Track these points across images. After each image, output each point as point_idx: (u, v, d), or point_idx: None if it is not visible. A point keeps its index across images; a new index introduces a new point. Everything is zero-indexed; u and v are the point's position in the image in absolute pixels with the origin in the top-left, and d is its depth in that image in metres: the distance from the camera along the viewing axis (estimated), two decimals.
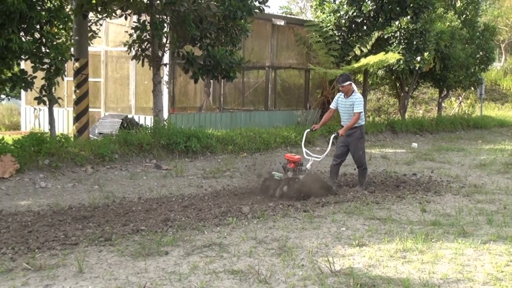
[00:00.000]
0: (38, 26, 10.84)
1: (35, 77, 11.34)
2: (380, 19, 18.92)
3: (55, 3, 11.16)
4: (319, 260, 5.78)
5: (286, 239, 6.58)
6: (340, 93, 9.74)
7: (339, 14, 19.13)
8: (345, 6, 18.99)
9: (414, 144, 17.49)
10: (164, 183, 10.14)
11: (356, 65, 18.24)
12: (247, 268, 5.50)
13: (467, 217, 7.92)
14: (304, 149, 9.58)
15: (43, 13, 10.50)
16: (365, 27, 19.21)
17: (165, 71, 15.36)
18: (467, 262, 5.89)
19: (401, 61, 18.61)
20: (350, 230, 7.11)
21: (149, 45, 13.38)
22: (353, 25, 19.24)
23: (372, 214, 7.90)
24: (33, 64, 11.14)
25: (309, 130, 10.16)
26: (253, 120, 18.43)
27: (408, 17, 18.50)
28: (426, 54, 18.82)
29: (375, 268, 5.63)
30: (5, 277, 5.13)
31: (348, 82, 9.47)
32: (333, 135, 9.67)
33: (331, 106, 10.00)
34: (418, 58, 18.80)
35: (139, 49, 13.48)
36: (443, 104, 27.10)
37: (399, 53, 18.35)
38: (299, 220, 7.55)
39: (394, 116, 27.05)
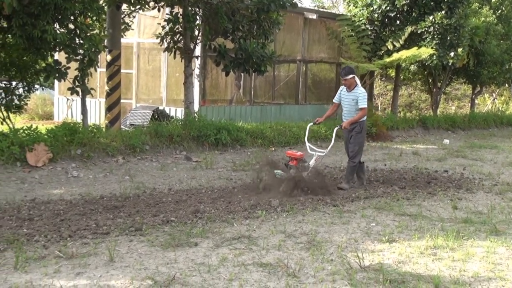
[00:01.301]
0: (72, 18, 10.93)
1: (69, 67, 11.46)
2: (413, 13, 18.71)
3: None
4: (348, 255, 5.76)
5: (315, 233, 6.56)
6: (343, 86, 9.51)
7: (372, 8, 18.98)
8: (378, 0, 18.81)
9: (446, 141, 17.30)
10: (194, 175, 10.19)
11: (388, 59, 18.08)
12: (276, 261, 5.50)
13: (500, 215, 7.82)
14: (307, 144, 9.41)
15: (77, 4, 10.59)
16: (398, 22, 19.03)
17: (196, 64, 15.41)
18: (499, 260, 5.82)
19: (434, 56, 18.41)
20: (380, 225, 7.07)
21: (181, 37, 13.44)
22: (386, 20, 19.06)
23: (402, 210, 7.83)
24: (67, 55, 11.25)
25: (312, 123, 9.86)
26: (283, 113, 18.40)
27: (443, 12, 18.26)
28: (460, 49, 18.58)
29: (405, 264, 5.59)
30: (38, 264, 5.21)
31: (351, 75, 9.22)
32: (336, 128, 9.51)
33: (334, 100, 9.76)
34: (452, 54, 18.58)
35: (171, 41, 13.55)
36: (476, 101, 26.75)
37: (432, 48, 18.14)
38: (329, 214, 7.53)
39: (425, 112, 26.82)
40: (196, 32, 13.48)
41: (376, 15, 18.98)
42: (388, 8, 18.71)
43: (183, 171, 10.54)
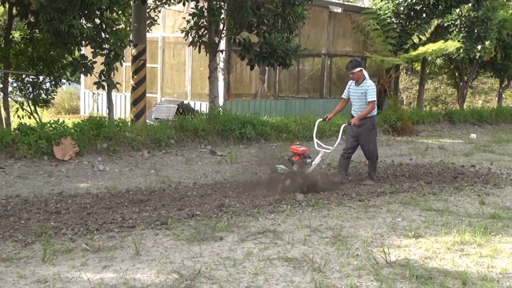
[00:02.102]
0: (98, 12, 11.01)
1: (95, 62, 11.55)
2: (440, 6, 18.49)
3: None
4: (374, 250, 5.73)
5: (341, 228, 6.54)
6: (351, 81, 9.29)
7: (397, 1, 18.79)
8: None
9: (473, 135, 17.10)
10: (219, 169, 10.21)
11: (414, 53, 17.90)
12: (301, 256, 5.49)
13: None
14: (315, 140, 9.10)
15: None
16: (424, 15, 18.81)
17: (221, 58, 15.41)
18: None
19: (461, 49, 18.23)
20: (406, 221, 7.01)
21: (206, 31, 13.46)
22: (412, 13, 18.85)
23: (428, 205, 7.76)
24: (93, 50, 11.35)
25: (321, 119, 9.60)
26: (307, 108, 18.34)
27: (470, 4, 18.05)
28: (487, 42, 18.35)
29: (432, 260, 5.54)
30: (65, 257, 5.27)
31: (358, 69, 9.01)
32: (343, 125, 9.24)
33: (343, 96, 9.54)
34: (479, 47, 18.36)
35: (196, 36, 13.58)
36: (503, 95, 26.38)
37: (459, 41, 17.95)
38: (354, 209, 7.49)
39: (452, 106, 26.53)
40: (221, 26, 13.50)
41: (402, 8, 18.79)
42: (414, 1, 18.50)
43: (208, 165, 10.57)
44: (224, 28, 13.69)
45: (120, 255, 5.38)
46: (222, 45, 14.64)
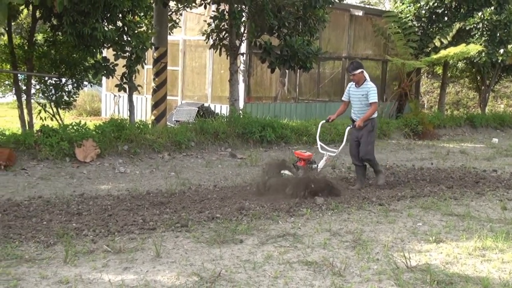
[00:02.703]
0: (120, 15, 11.10)
1: (117, 64, 11.65)
2: (462, 10, 18.42)
3: None
4: (395, 255, 5.70)
5: (361, 232, 6.52)
6: (351, 83, 9.17)
7: (419, 5, 18.75)
8: None
9: (495, 140, 16.94)
10: (239, 172, 10.22)
11: (435, 56, 17.82)
12: (321, 260, 5.48)
13: None
14: (319, 143, 9.07)
15: (126, 2, 10.74)
16: (446, 18, 18.76)
17: (241, 61, 15.45)
18: None
19: (483, 53, 18.09)
20: (426, 225, 6.97)
21: (227, 34, 13.51)
22: (434, 16, 18.80)
23: (449, 210, 7.70)
24: (114, 52, 11.43)
25: (324, 121, 9.53)
26: (328, 111, 18.25)
27: (492, 8, 17.91)
28: (509, 46, 18.21)
29: (453, 265, 5.50)
30: (86, 258, 5.31)
31: (359, 70, 8.90)
32: (348, 127, 9.11)
33: (343, 98, 9.44)
34: (501, 51, 18.21)
35: (217, 39, 13.64)
36: None
37: (481, 45, 17.81)
38: (374, 213, 7.46)
39: (473, 110, 26.29)
40: (242, 29, 13.53)
41: (423, 12, 18.74)
42: (435, 4, 18.45)
43: (228, 168, 10.59)
44: (245, 31, 13.73)
45: (141, 257, 5.42)
46: (243, 48, 14.68)
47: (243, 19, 13.10)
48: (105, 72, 11.55)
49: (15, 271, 4.93)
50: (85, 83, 12.58)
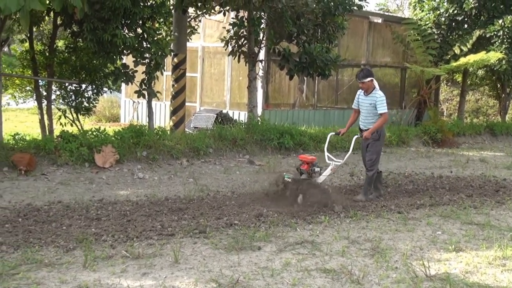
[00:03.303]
0: (140, 22, 11.18)
1: (136, 71, 11.72)
2: (482, 17, 18.30)
3: (158, 0, 11.46)
4: (414, 264, 5.67)
5: (380, 240, 6.49)
6: (360, 90, 8.84)
7: (438, 12, 18.65)
8: (445, 3, 18.49)
9: None
10: (257, 179, 10.22)
11: (455, 64, 17.70)
12: (340, 268, 5.47)
13: None
14: (326, 154, 8.71)
15: (146, 9, 10.82)
16: (465, 26, 18.65)
17: (260, 68, 15.47)
18: None
19: (503, 60, 17.95)
20: (446, 234, 6.92)
21: (245, 41, 13.54)
22: (453, 23, 18.69)
23: (469, 219, 7.64)
24: (134, 59, 11.51)
25: (333, 133, 9.24)
26: (346, 118, 18.16)
27: None
28: None
29: (473, 274, 5.46)
30: (105, 263, 5.34)
31: (369, 78, 8.58)
32: (355, 137, 8.85)
33: (353, 106, 9.11)
34: None
35: (236, 45, 13.67)
36: None
37: (501, 52, 17.67)
38: (393, 221, 7.42)
39: (493, 118, 26.05)
40: (261, 36, 13.55)
41: (443, 19, 18.64)
42: (455, 11, 18.34)
43: (246, 175, 10.59)
44: (264, 38, 13.76)
45: (159, 262, 5.44)
46: (262, 55, 14.70)
47: (262, 26, 13.13)
48: (124, 78, 11.63)
49: (35, 275, 4.98)
50: (105, 89, 12.66)
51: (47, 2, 9.20)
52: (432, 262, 5.72)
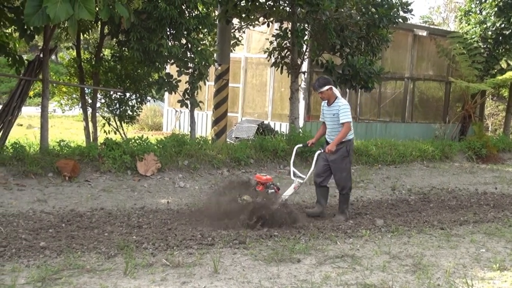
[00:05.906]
0: (185, 32, 11.29)
1: (180, 80, 11.83)
2: None
3: (203, 11, 11.58)
4: (456, 281, 5.55)
5: (421, 256, 6.38)
6: (325, 101, 8.22)
7: (485, 26, 18.38)
8: (492, 17, 18.21)
9: None
10: (298, 191, 10.15)
11: (501, 78, 17.40)
12: (380, 283, 5.39)
13: None
14: (292, 169, 8.26)
15: (192, 20, 10.93)
16: None
17: (303, 79, 15.45)
18: None
19: None
20: (490, 252, 6.77)
21: (288, 52, 13.55)
22: (500, 37, 18.39)
23: None
24: (178, 68, 11.63)
25: (301, 145, 8.80)
26: (388, 131, 18.09)
27: None
28: None
29: None
30: (145, 271, 5.38)
31: (326, 87, 7.94)
32: (317, 152, 8.22)
33: (320, 119, 8.50)
34: None
35: (279, 57, 13.69)
36: None
37: None
38: (435, 237, 7.30)
39: None
40: (304, 48, 13.55)
41: (489, 33, 18.36)
42: (503, 25, 18.05)
43: (287, 186, 10.52)
44: (307, 50, 13.75)
45: (199, 272, 5.45)
46: (304, 67, 14.69)
47: (306, 37, 13.12)
48: (168, 87, 11.76)
49: (76, 281, 5.04)
50: (148, 98, 12.81)
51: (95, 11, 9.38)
52: (475, 281, 5.60)
